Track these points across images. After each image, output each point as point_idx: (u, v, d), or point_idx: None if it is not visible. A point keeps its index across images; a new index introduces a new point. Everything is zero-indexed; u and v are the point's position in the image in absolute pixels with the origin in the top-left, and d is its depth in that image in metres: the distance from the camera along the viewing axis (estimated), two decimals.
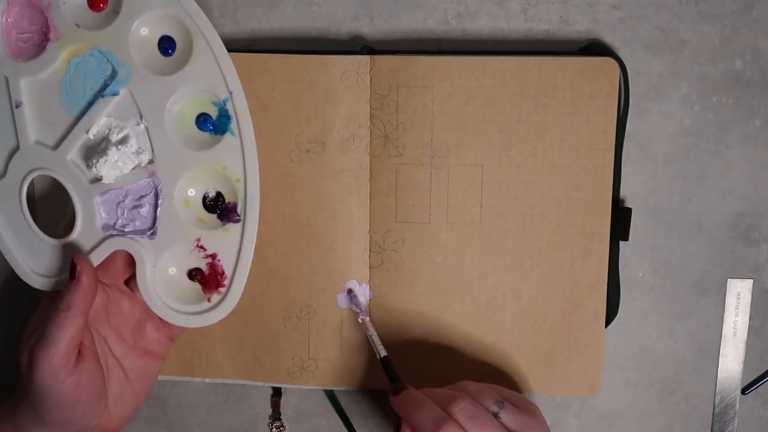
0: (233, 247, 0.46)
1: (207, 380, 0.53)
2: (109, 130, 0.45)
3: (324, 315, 0.51)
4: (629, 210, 0.50)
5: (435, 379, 0.50)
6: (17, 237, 0.47)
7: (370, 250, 0.50)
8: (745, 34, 0.49)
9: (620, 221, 0.50)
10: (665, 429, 0.53)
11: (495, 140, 0.48)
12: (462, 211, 0.49)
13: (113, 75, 0.45)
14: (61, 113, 0.45)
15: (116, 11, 0.44)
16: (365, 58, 0.48)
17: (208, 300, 0.47)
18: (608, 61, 0.47)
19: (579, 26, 0.50)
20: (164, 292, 0.47)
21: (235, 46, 0.49)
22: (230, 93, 0.45)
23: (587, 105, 0.48)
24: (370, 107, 0.48)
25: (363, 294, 0.50)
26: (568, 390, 0.51)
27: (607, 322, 0.51)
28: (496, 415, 0.43)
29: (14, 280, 0.48)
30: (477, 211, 0.49)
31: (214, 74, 0.45)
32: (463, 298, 0.50)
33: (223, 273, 0.46)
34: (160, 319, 0.47)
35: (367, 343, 0.50)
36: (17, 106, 0.45)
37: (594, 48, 0.49)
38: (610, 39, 0.50)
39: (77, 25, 0.44)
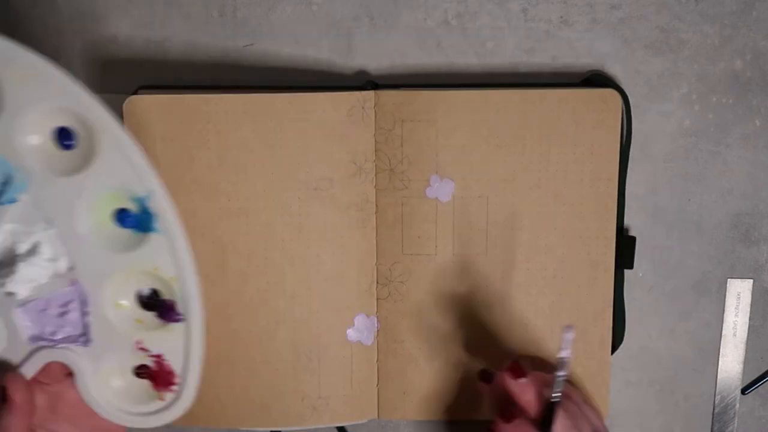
0: (179, 346, 0.42)
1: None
2: (14, 238, 0.40)
3: (334, 351, 0.50)
4: (633, 239, 0.50)
5: (444, 407, 0.50)
6: None
7: (378, 282, 0.50)
8: (745, 34, 0.49)
9: (625, 250, 0.50)
10: (665, 429, 0.53)
11: (499, 172, 0.49)
12: (467, 243, 0.49)
13: (7, 180, 0.40)
14: None
15: None
16: (369, 94, 0.48)
17: (161, 399, 0.44)
18: (611, 93, 0.48)
19: (579, 26, 0.50)
20: (113, 396, 0.43)
21: (235, 46, 0.49)
22: (151, 191, 0.40)
23: (590, 136, 0.48)
24: (375, 141, 0.49)
25: (371, 326, 0.50)
26: None
27: (613, 350, 0.51)
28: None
29: None
30: (482, 242, 0.49)
31: (126, 172, 0.40)
32: (470, 329, 0.50)
33: (172, 372, 0.43)
34: None
35: (377, 373, 0.51)
36: None
37: (596, 79, 0.49)
38: (610, 40, 0.50)
39: None
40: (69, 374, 0.44)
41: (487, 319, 0.50)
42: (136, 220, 0.41)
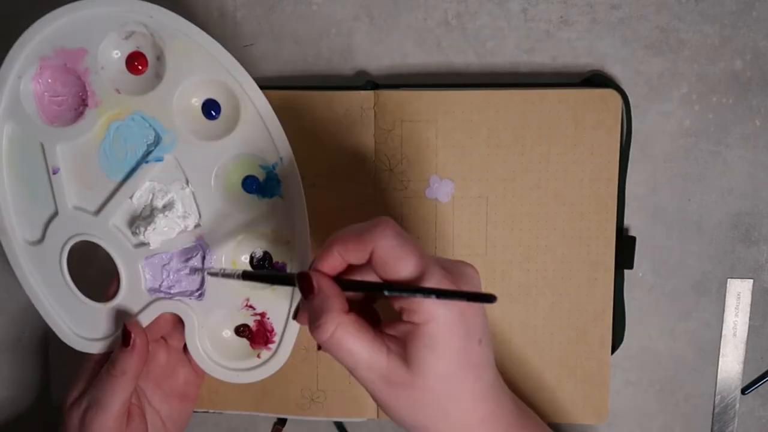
0: (283, 305, 0.45)
1: (211, 411, 0.53)
2: (153, 194, 0.44)
3: None
4: (633, 239, 0.50)
5: None
6: (59, 302, 0.46)
7: None
8: (745, 34, 0.49)
9: (625, 250, 0.50)
10: (665, 429, 0.53)
11: (499, 172, 0.49)
12: (467, 243, 0.49)
13: (157, 141, 0.43)
14: (100, 178, 0.44)
15: (158, 76, 0.43)
16: (369, 94, 0.48)
17: (258, 356, 0.46)
18: (610, 93, 0.48)
19: (579, 26, 0.50)
20: (212, 350, 0.46)
21: (235, 46, 0.49)
22: (281, 159, 0.44)
23: (590, 136, 0.48)
24: (375, 142, 0.49)
25: None
26: (575, 418, 0.51)
27: (613, 350, 0.51)
28: None
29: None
30: (482, 242, 0.49)
31: (263, 140, 0.43)
32: None
33: (273, 330, 0.46)
34: (189, 359, 0.48)
35: None
36: (54, 173, 0.44)
37: (596, 79, 0.49)
38: (610, 40, 0.50)
39: (117, 91, 0.43)
40: (162, 336, 0.47)
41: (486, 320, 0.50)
42: (260, 186, 0.44)
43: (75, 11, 0.42)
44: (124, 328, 0.44)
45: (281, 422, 0.54)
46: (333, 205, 0.49)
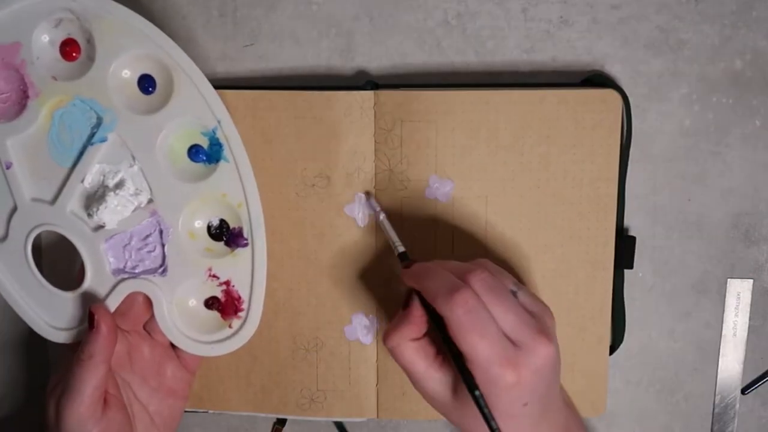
0: (246, 270, 0.46)
1: (211, 412, 0.53)
2: (104, 176, 0.45)
3: (332, 347, 0.51)
4: (633, 239, 0.50)
5: None
6: (30, 295, 0.46)
7: (377, 283, 0.50)
8: (745, 34, 0.49)
9: (625, 250, 0.50)
10: (665, 429, 0.53)
11: (499, 172, 0.48)
12: (467, 243, 0.49)
13: (99, 122, 0.44)
14: (53, 167, 0.45)
15: (91, 58, 0.44)
16: (369, 94, 0.48)
17: (230, 326, 0.47)
18: (610, 93, 0.48)
19: (579, 26, 0.50)
20: (185, 326, 0.47)
21: (235, 46, 0.48)
22: (218, 122, 0.45)
23: (590, 136, 0.48)
24: (375, 141, 0.49)
25: (370, 324, 0.50)
26: None
27: (613, 350, 0.51)
28: (513, 294, 0.41)
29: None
30: (482, 242, 0.49)
31: (199, 106, 0.44)
32: None
33: (240, 297, 0.47)
34: (178, 355, 0.48)
35: (376, 373, 0.51)
36: (8, 167, 0.45)
37: (596, 79, 0.49)
38: (610, 40, 0.50)
39: (54, 78, 0.44)
40: (143, 327, 0.47)
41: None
42: (205, 154, 0.46)
43: (4, 6, 0.43)
44: (89, 312, 0.44)
45: (281, 422, 0.54)
46: (333, 206, 0.49)
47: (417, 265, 0.43)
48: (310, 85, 0.50)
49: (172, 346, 0.48)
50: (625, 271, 0.51)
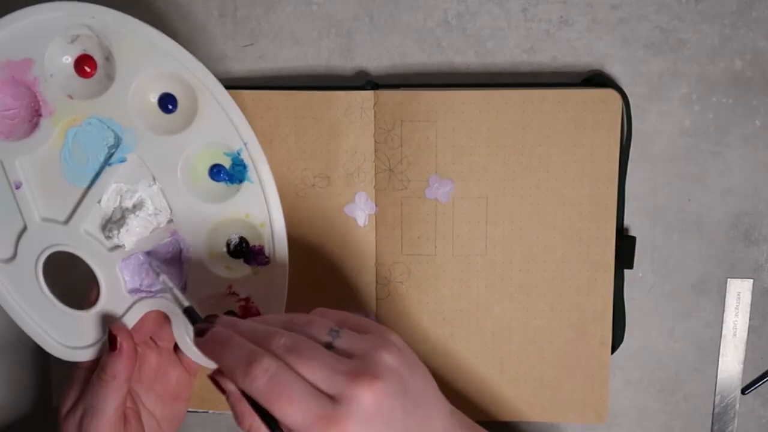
0: (265, 287, 0.45)
1: (211, 412, 0.53)
2: (121, 196, 0.44)
3: None
4: (633, 239, 0.50)
5: None
6: (41, 316, 0.45)
7: (377, 283, 0.50)
8: (745, 34, 0.49)
9: (625, 250, 0.50)
10: (665, 429, 0.53)
11: (499, 172, 0.49)
12: (467, 243, 0.49)
13: (117, 142, 0.43)
14: (65, 186, 0.44)
15: (110, 77, 0.42)
16: (369, 94, 0.48)
17: None
18: (610, 93, 0.48)
19: (579, 26, 0.50)
20: None
21: (235, 46, 0.48)
22: (245, 144, 0.43)
23: (590, 136, 0.48)
24: (375, 141, 0.49)
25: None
26: (575, 418, 0.51)
27: (613, 350, 0.51)
28: (329, 345, 0.37)
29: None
30: (482, 242, 0.49)
31: (225, 127, 0.43)
32: (470, 329, 0.50)
33: (259, 313, 0.46)
34: (180, 358, 0.48)
35: None
36: (17, 188, 0.43)
37: (596, 79, 0.49)
38: (610, 40, 0.50)
39: (70, 96, 0.42)
40: (151, 337, 0.47)
41: (486, 320, 0.50)
42: (227, 174, 0.45)
43: (15, 21, 0.41)
44: (109, 333, 0.43)
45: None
46: (333, 206, 0.49)
47: (211, 333, 0.38)
48: (310, 85, 0.50)
49: (174, 349, 0.47)
50: (625, 271, 0.51)
